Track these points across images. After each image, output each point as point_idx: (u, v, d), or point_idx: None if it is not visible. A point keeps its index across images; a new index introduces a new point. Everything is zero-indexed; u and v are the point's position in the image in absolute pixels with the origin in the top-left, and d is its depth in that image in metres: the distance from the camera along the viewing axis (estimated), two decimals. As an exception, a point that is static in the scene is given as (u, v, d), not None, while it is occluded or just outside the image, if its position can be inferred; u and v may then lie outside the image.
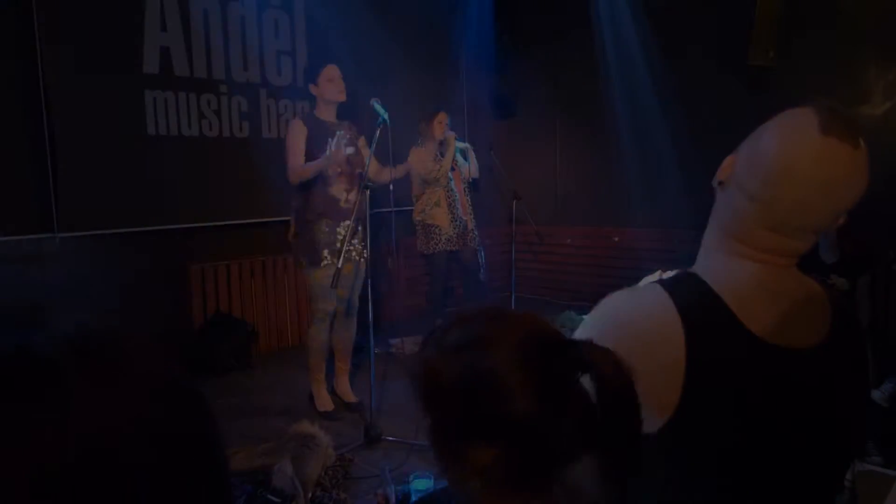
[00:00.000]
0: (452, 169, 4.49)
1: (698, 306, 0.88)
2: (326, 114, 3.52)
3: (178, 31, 4.31)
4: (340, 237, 3.40)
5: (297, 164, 3.41)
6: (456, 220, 4.47)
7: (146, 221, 4.23)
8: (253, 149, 4.67)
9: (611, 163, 5.74)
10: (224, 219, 4.62)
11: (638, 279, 1.15)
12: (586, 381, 0.71)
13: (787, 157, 0.85)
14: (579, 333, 0.92)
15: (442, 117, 4.45)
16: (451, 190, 4.48)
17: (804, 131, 0.84)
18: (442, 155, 4.41)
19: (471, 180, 4.70)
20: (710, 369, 0.85)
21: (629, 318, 0.91)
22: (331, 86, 3.45)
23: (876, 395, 3.36)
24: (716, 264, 0.94)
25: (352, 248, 3.50)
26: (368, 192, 3.22)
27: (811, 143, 0.83)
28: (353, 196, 3.44)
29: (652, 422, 0.86)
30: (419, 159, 4.38)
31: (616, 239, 5.92)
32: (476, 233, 4.59)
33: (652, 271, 1.29)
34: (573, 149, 6.22)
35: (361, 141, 3.65)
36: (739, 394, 0.85)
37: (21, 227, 3.78)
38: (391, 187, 3.61)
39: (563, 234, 6.18)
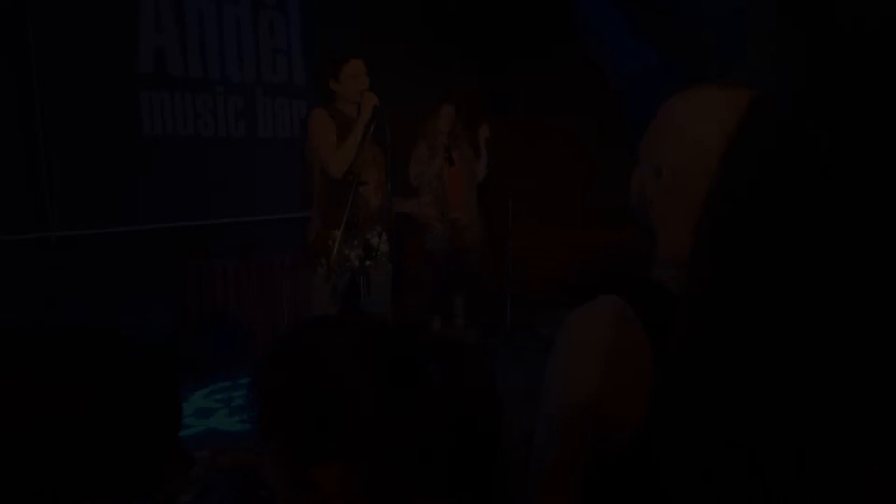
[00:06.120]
0: (452, 164, 4.43)
1: (659, 311, 0.83)
2: (350, 109, 3.33)
3: (172, 30, 4.31)
4: (357, 241, 3.25)
5: (334, 152, 3.19)
6: (445, 219, 4.43)
7: (141, 221, 4.21)
8: (249, 148, 4.65)
9: (609, 162, 5.70)
10: (220, 218, 4.60)
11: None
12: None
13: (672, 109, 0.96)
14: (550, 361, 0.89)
15: (447, 110, 4.39)
16: (441, 188, 4.45)
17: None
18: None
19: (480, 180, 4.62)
20: None
21: (590, 335, 0.87)
22: (354, 82, 3.28)
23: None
24: (666, 267, 0.92)
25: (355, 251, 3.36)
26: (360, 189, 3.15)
27: (682, 94, 0.94)
28: (378, 200, 3.30)
29: (618, 442, 0.82)
30: (414, 157, 4.38)
31: (614, 239, 5.89)
32: (478, 232, 4.53)
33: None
34: (571, 148, 6.19)
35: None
36: None
37: (15, 226, 3.77)
38: (389, 186, 3.56)
39: (560, 234, 6.15)
